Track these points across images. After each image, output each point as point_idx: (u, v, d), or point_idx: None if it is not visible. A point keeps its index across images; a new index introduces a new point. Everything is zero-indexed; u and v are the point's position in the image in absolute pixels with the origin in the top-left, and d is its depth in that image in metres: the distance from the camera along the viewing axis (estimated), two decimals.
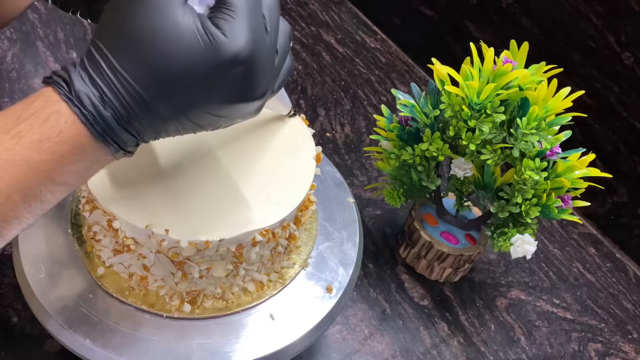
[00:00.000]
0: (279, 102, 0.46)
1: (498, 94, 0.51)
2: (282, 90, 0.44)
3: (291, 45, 0.36)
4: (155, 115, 0.31)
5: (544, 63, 0.53)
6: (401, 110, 0.55)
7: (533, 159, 0.51)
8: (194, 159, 0.44)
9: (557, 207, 0.53)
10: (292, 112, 0.49)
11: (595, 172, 0.52)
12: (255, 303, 0.46)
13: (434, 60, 0.53)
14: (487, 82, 0.51)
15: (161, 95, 0.31)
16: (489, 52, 0.51)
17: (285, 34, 0.35)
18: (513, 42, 0.53)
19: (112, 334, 0.42)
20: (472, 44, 0.53)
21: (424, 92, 0.56)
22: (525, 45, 0.53)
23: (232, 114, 0.33)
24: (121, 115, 0.30)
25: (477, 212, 0.65)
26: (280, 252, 0.46)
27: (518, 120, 0.51)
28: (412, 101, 0.55)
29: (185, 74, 0.30)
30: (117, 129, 0.31)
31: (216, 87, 0.31)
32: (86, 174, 0.34)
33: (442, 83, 0.52)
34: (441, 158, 0.54)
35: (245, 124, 0.47)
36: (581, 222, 0.76)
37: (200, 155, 0.45)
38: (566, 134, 0.54)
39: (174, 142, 0.44)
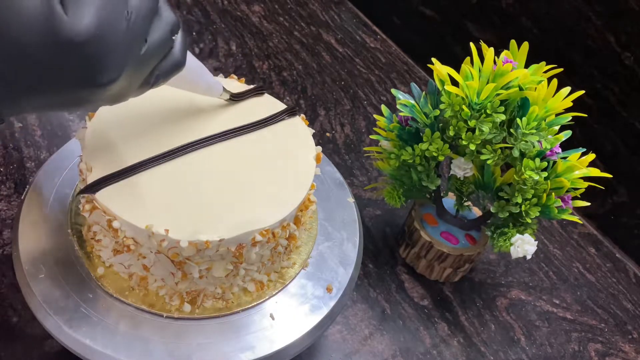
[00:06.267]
0: (200, 86, 0.45)
1: (498, 94, 0.51)
2: (202, 72, 0.44)
3: (175, 38, 0.34)
4: None
5: (544, 63, 0.53)
6: (401, 110, 0.55)
7: (533, 159, 0.51)
8: (194, 159, 0.44)
9: (557, 207, 0.53)
10: (229, 96, 0.48)
11: (595, 172, 0.52)
12: (255, 303, 0.46)
13: (434, 60, 0.53)
14: (487, 82, 0.51)
15: None
16: (489, 52, 0.51)
17: (167, 24, 0.33)
18: (513, 42, 0.53)
19: (112, 334, 0.42)
20: (472, 44, 0.53)
21: (424, 92, 0.56)
22: (525, 45, 0.53)
23: (82, 99, 0.32)
24: None
25: (477, 212, 0.65)
26: (280, 252, 0.46)
27: (518, 120, 0.51)
28: (412, 101, 0.55)
29: (21, 50, 0.28)
30: None
31: (55, 70, 0.29)
32: None
33: (442, 83, 0.52)
34: (441, 158, 0.54)
35: (245, 125, 0.48)
36: (581, 222, 0.76)
37: (200, 155, 0.45)
38: (566, 134, 0.54)
39: (174, 142, 0.45)
